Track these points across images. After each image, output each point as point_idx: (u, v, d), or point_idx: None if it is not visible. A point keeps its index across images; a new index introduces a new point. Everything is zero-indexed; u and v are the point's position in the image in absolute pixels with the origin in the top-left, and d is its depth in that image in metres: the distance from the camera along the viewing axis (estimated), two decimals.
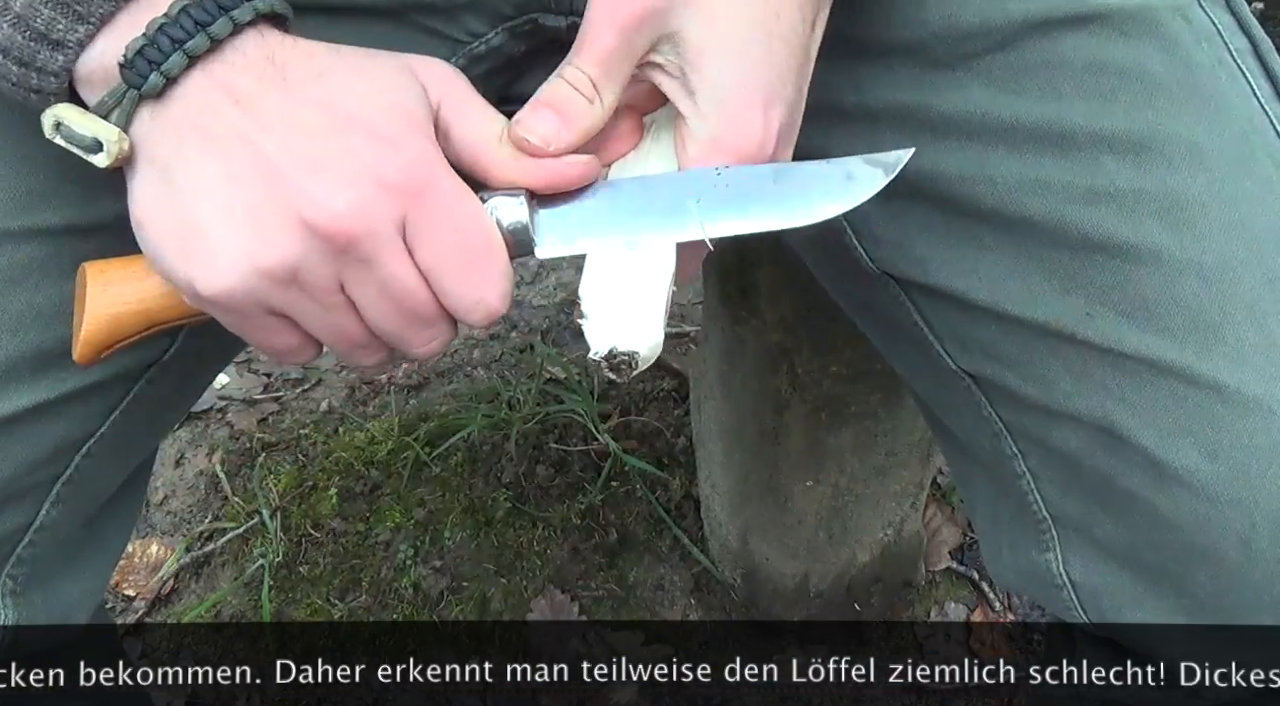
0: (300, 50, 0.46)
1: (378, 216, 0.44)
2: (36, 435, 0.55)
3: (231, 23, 0.44)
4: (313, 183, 0.44)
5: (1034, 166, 0.54)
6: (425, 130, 0.46)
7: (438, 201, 0.45)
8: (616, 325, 0.48)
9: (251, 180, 0.44)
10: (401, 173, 0.45)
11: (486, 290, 0.47)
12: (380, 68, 0.47)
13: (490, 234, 0.47)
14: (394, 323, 0.47)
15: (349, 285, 0.46)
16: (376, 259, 0.45)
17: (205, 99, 0.45)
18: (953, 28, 0.55)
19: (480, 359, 1.54)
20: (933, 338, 0.60)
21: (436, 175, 0.46)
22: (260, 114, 0.44)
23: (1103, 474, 0.55)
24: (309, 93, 0.45)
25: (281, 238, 0.44)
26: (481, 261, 0.47)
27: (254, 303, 0.45)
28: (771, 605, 1.26)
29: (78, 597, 0.62)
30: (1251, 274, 0.52)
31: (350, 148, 0.44)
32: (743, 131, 0.48)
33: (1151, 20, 0.55)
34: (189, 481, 1.41)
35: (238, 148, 0.44)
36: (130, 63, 0.44)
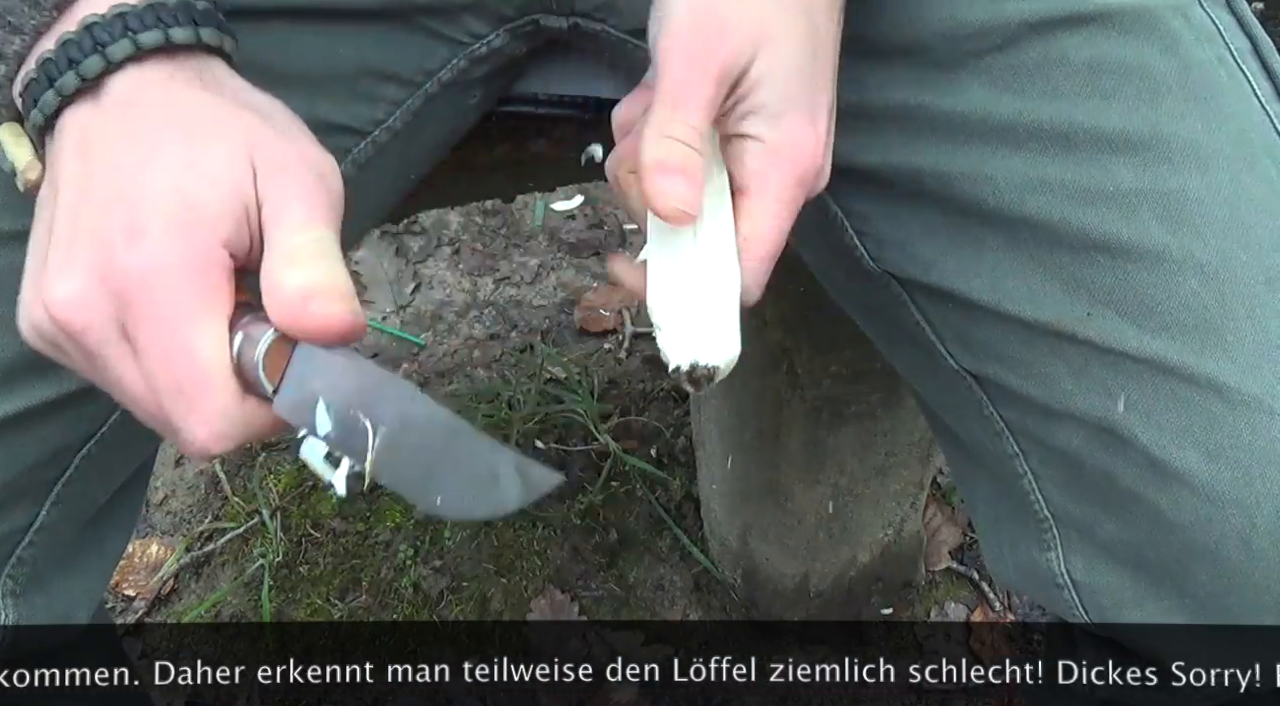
0: (161, 100, 0.43)
1: (92, 313, 0.41)
2: (37, 436, 0.55)
3: (104, 61, 0.42)
4: (57, 262, 0.41)
5: (1035, 166, 0.55)
6: (196, 231, 0.41)
7: (151, 314, 0.40)
8: (695, 338, 0.46)
9: (39, 242, 0.43)
10: (124, 274, 0.40)
11: (192, 426, 0.41)
12: (210, 146, 0.42)
13: (200, 369, 0.41)
14: (139, 415, 0.44)
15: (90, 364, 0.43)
16: (99, 355, 0.42)
17: (64, 140, 0.43)
18: (954, 28, 0.55)
19: (480, 359, 1.54)
20: (934, 337, 0.60)
21: (159, 285, 0.40)
22: (80, 167, 0.42)
23: (1104, 473, 0.55)
24: (121, 155, 0.42)
25: (37, 310, 0.42)
26: (186, 395, 0.41)
27: (47, 353, 0.44)
28: (771, 605, 1.26)
29: (78, 598, 0.62)
30: (1252, 274, 0.52)
31: (98, 232, 0.41)
32: (798, 145, 0.47)
33: (1152, 20, 0.55)
34: (189, 481, 1.41)
35: (49, 203, 0.43)
36: (23, 94, 0.44)
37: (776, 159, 0.47)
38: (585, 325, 1.57)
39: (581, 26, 0.61)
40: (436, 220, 1.69)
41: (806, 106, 0.47)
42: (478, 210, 1.71)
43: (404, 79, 0.60)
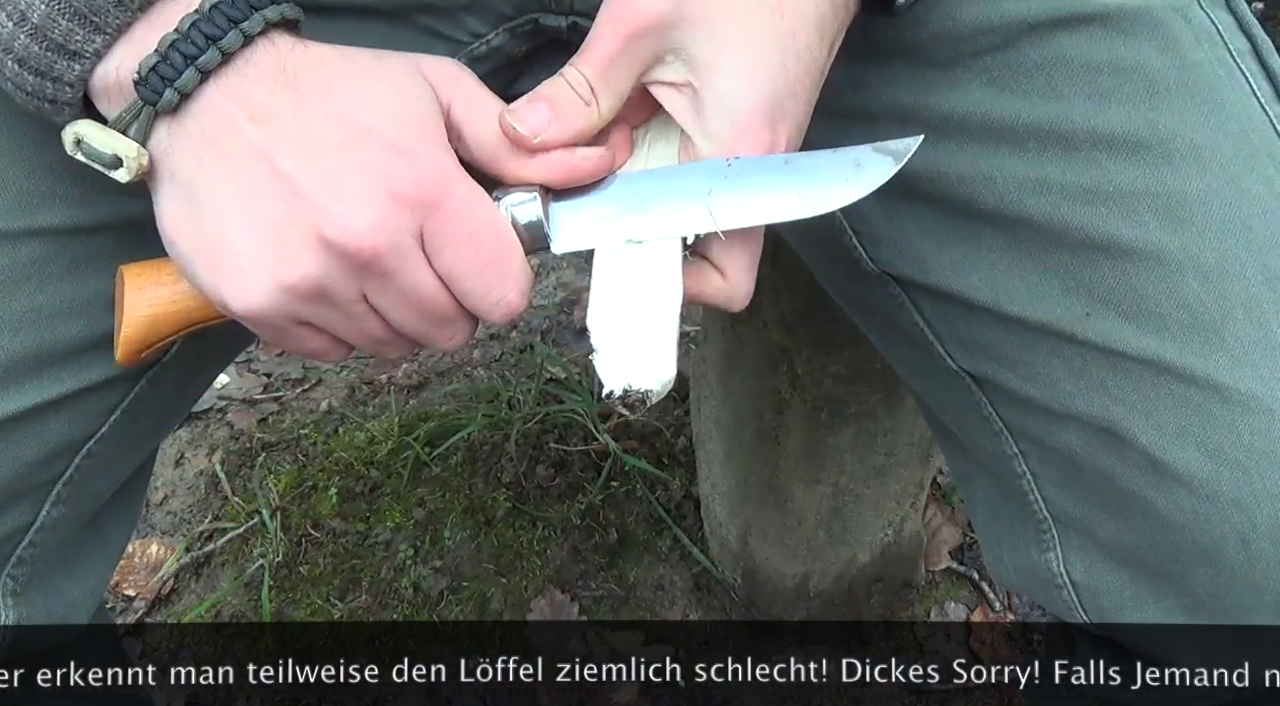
0: (311, 56, 0.46)
1: (396, 230, 0.45)
2: (37, 435, 0.55)
3: (242, 35, 0.44)
4: (331, 201, 0.44)
5: (1034, 166, 0.55)
6: (436, 135, 0.47)
7: (453, 210, 0.46)
8: (629, 362, 0.48)
9: (270, 198, 0.44)
10: (416, 185, 0.45)
11: (505, 290, 0.48)
12: (389, 72, 0.47)
13: (506, 236, 0.48)
14: (417, 325, 0.48)
15: (372, 296, 0.47)
16: (398, 271, 0.46)
17: (221, 114, 0.45)
18: (953, 28, 0.55)
19: (480, 359, 1.54)
20: (933, 337, 0.60)
21: (450, 183, 0.46)
22: (275, 129, 0.45)
23: (1103, 474, 0.55)
24: (322, 104, 0.45)
25: (304, 256, 0.45)
26: (499, 264, 0.47)
27: (283, 317, 0.46)
28: (771, 605, 1.26)
29: (78, 598, 0.62)
30: (1251, 273, 0.52)
31: (365, 162, 0.45)
32: (750, 145, 0.48)
33: (1151, 20, 0.55)
34: (189, 481, 1.41)
35: (255, 165, 0.44)
36: (144, 79, 0.44)
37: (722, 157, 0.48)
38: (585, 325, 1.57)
39: (580, 25, 0.61)
40: None
41: (766, 110, 0.48)
42: None
43: None
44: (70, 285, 0.53)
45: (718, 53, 0.48)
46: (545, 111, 0.48)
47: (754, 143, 0.48)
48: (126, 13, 0.45)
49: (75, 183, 0.53)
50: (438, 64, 0.49)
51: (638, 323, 0.48)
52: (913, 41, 0.56)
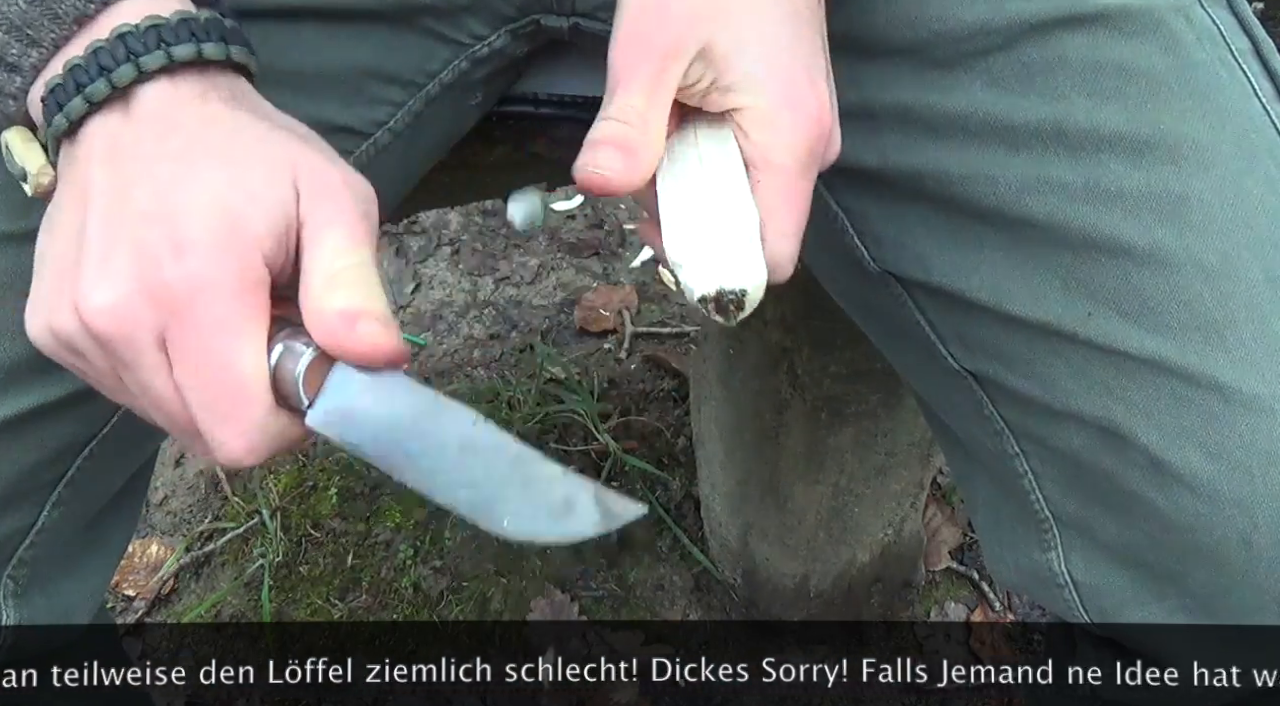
0: (201, 113, 0.44)
1: (134, 323, 0.41)
2: (38, 437, 0.55)
3: (136, 69, 0.43)
4: (92, 269, 0.42)
5: (1035, 166, 0.55)
6: (240, 249, 0.41)
7: (195, 328, 0.41)
8: (718, 262, 0.45)
9: (68, 247, 0.43)
10: (165, 286, 0.41)
11: (227, 436, 0.42)
12: (254, 165, 0.43)
13: (240, 381, 0.41)
14: (159, 422, 0.45)
15: (122, 375, 0.44)
16: (134, 364, 0.42)
17: (89, 148, 0.44)
18: (954, 27, 0.55)
19: (480, 359, 1.54)
20: (934, 337, 0.60)
21: (207, 301, 0.41)
22: (110, 178, 0.43)
23: (1105, 473, 0.55)
24: (160, 167, 0.42)
25: (64, 314, 0.42)
26: (224, 406, 0.42)
27: (54, 356, 0.45)
28: (771, 605, 1.26)
29: (79, 598, 0.62)
30: (1253, 273, 0.52)
31: (142, 243, 0.41)
32: (799, 106, 0.46)
33: (1153, 20, 0.55)
34: (189, 481, 1.41)
35: (78, 208, 0.43)
36: (45, 99, 0.44)
37: (777, 124, 0.47)
38: (585, 325, 1.57)
39: (582, 26, 0.61)
40: (436, 220, 1.69)
41: (802, 69, 0.47)
42: (478, 210, 1.71)
43: (405, 80, 0.60)
44: None
45: (733, 41, 0.46)
46: (615, 151, 0.46)
47: (804, 110, 0.46)
48: (62, 27, 0.44)
49: None
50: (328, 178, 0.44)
51: (718, 230, 0.46)
52: (914, 41, 0.56)
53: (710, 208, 0.46)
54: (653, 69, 0.46)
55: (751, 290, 0.45)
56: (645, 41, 0.46)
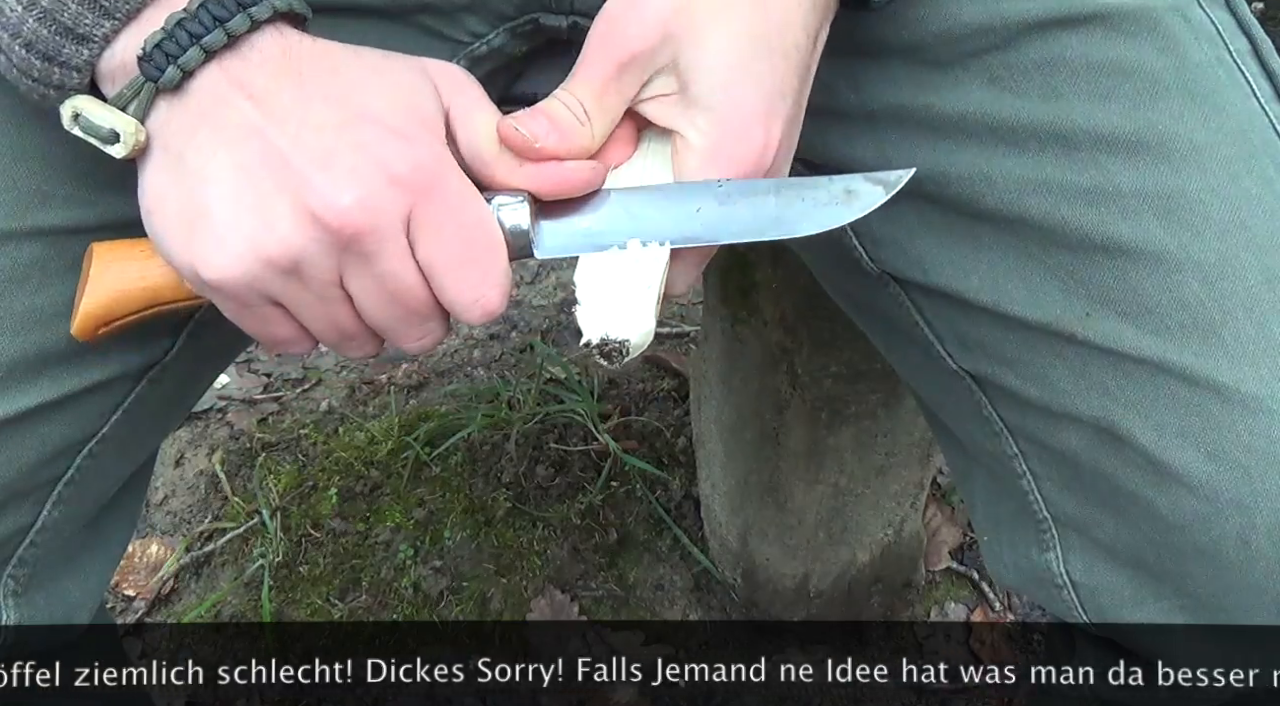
0: (317, 48, 0.47)
1: (383, 212, 0.45)
2: (38, 436, 0.55)
3: (249, 19, 0.45)
4: (321, 176, 0.44)
5: (1034, 166, 0.55)
6: (436, 130, 0.47)
7: (444, 199, 0.46)
8: (609, 314, 0.49)
9: (261, 171, 0.44)
10: (410, 169, 0.45)
11: (486, 288, 0.47)
12: (394, 67, 0.48)
13: (494, 234, 0.48)
14: (389, 317, 0.48)
15: (348, 278, 0.46)
16: (379, 254, 0.45)
17: (220, 93, 0.45)
18: (952, 28, 0.55)
19: (480, 359, 1.54)
20: (933, 337, 0.60)
21: (445, 173, 0.46)
22: (273, 108, 0.45)
23: (1103, 474, 0.55)
24: (323, 88, 0.45)
25: (287, 228, 0.44)
26: (483, 260, 0.47)
27: (254, 291, 0.46)
28: (771, 605, 1.26)
29: (79, 598, 0.62)
30: (1251, 273, 0.52)
31: (361, 142, 0.45)
32: (742, 143, 0.48)
33: (1151, 20, 0.55)
34: (189, 481, 1.41)
35: (249, 139, 0.45)
36: (149, 56, 0.44)
37: (714, 161, 0.49)
38: None
39: (581, 25, 0.61)
40: None
41: (758, 107, 0.48)
42: None
43: None
44: (71, 286, 0.53)
45: (704, 61, 0.48)
46: (545, 122, 0.49)
47: (745, 141, 0.48)
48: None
49: (77, 183, 0.53)
50: (443, 67, 0.50)
51: (620, 276, 0.49)
52: (912, 41, 0.56)
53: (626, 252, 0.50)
54: (608, 70, 0.49)
55: (634, 341, 0.48)
56: (609, 43, 0.49)
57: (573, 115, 0.49)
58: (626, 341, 0.48)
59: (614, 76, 0.49)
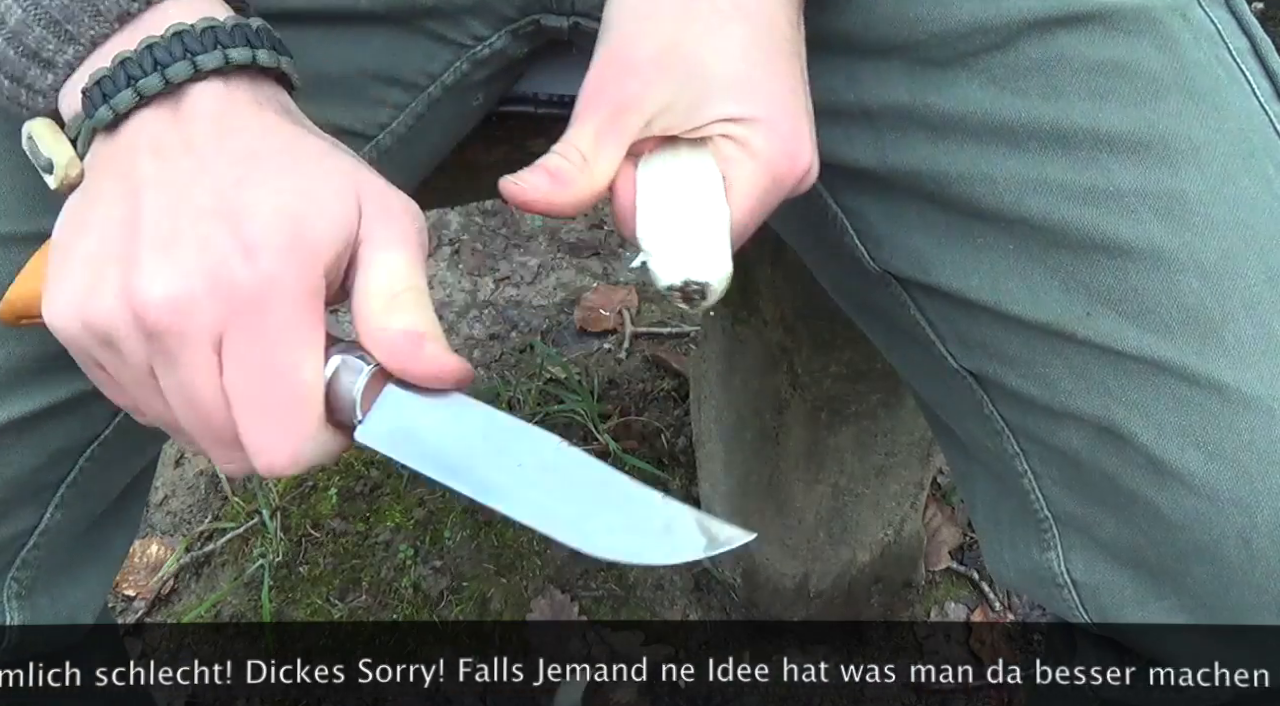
0: (258, 119, 0.44)
1: (192, 317, 0.41)
2: (41, 439, 0.55)
3: (193, 67, 0.43)
4: (152, 259, 0.41)
5: (1034, 166, 0.55)
6: (306, 257, 0.41)
7: (259, 330, 0.41)
8: (686, 254, 0.48)
9: (116, 233, 0.42)
10: (233, 285, 0.40)
11: (275, 445, 0.42)
12: (318, 175, 0.43)
13: (300, 391, 0.42)
14: (190, 427, 0.44)
15: (156, 370, 0.43)
16: (179, 359, 0.41)
17: (135, 142, 0.43)
18: (951, 27, 0.55)
19: (480, 359, 1.54)
20: (934, 336, 0.60)
21: (273, 302, 0.41)
22: (166, 174, 0.42)
23: (1104, 473, 0.55)
24: (221, 169, 0.42)
25: (107, 299, 0.42)
26: (278, 414, 0.41)
27: (80, 348, 0.44)
28: (771, 605, 1.26)
29: (83, 599, 0.62)
30: (1252, 272, 0.52)
31: (207, 239, 0.41)
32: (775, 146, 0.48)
33: (1150, 19, 0.55)
34: (189, 481, 1.41)
35: (125, 198, 0.43)
36: (89, 91, 0.43)
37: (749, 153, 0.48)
38: (585, 325, 1.57)
39: (582, 26, 0.61)
40: (436, 220, 1.69)
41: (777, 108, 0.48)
42: (478, 210, 1.71)
43: (407, 82, 0.61)
44: None
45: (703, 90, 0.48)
46: (544, 175, 0.47)
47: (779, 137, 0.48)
48: (103, 24, 0.44)
49: None
50: (385, 195, 0.44)
51: (690, 220, 0.48)
52: (912, 40, 0.56)
53: (684, 200, 0.49)
54: (605, 116, 0.48)
55: (715, 283, 0.48)
56: (603, 89, 0.48)
57: (571, 164, 0.48)
58: (708, 283, 0.47)
59: (610, 121, 0.48)
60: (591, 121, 0.48)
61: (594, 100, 0.49)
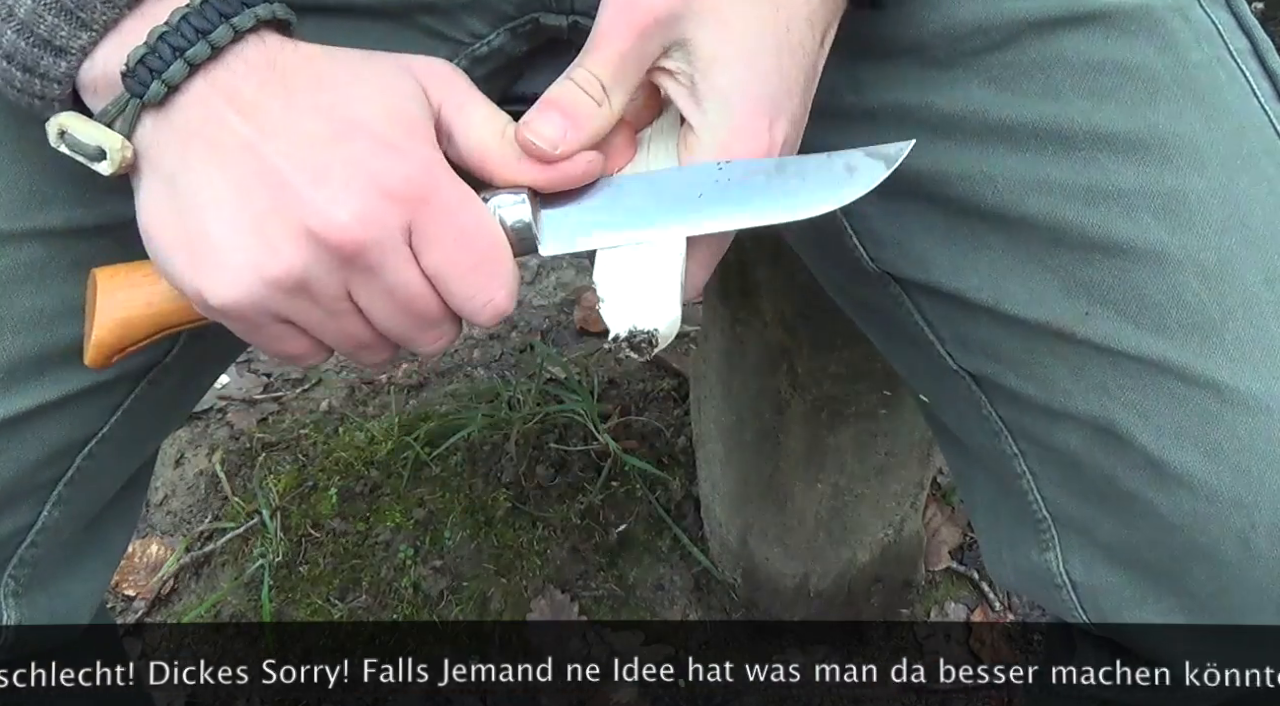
0: (301, 55, 0.46)
1: (383, 225, 0.44)
2: (39, 436, 0.55)
3: (232, 30, 0.44)
4: (317, 193, 0.44)
5: (1034, 165, 0.55)
6: (426, 135, 0.46)
7: (442, 208, 0.45)
8: (634, 305, 0.48)
9: (257, 190, 0.44)
10: (405, 180, 0.45)
11: (494, 291, 0.47)
12: (379, 71, 0.47)
13: (495, 237, 0.47)
14: (401, 326, 0.48)
15: (356, 292, 0.46)
16: (383, 267, 0.45)
17: (208, 107, 0.45)
18: (952, 27, 0.55)
19: (480, 359, 1.54)
20: (933, 337, 0.60)
21: (439, 181, 0.46)
22: (263, 122, 0.44)
23: (1103, 473, 0.55)
24: (311, 99, 0.45)
25: (288, 248, 0.44)
26: (487, 264, 0.47)
27: (263, 312, 0.46)
28: (771, 605, 1.26)
29: (80, 598, 0.62)
30: (1251, 273, 0.52)
31: (353, 156, 0.44)
32: (748, 142, 0.48)
33: (1151, 19, 0.55)
34: (189, 481, 1.41)
35: (242, 157, 0.44)
36: (132, 71, 0.44)
37: (720, 154, 0.48)
38: (585, 325, 1.57)
39: (581, 24, 0.61)
40: None
41: (764, 106, 0.48)
42: None
43: None
44: (71, 287, 0.53)
45: (720, 48, 0.47)
46: (559, 120, 0.48)
47: (751, 140, 0.48)
48: (114, 9, 0.44)
49: (77, 184, 0.53)
50: (429, 64, 0.49)
51: (639, 267, 0.49)
52: (912, 40, 0.56)
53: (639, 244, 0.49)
54: (628, 38, 0.48)
55: (663, 329, 0.48)
56: (628, 9, 0.48)
57: (589, 97, 0.48)
58: (655, 331, 0.48)
59: (633, 44, 0.48)
60: (616, 40, 0.48)
61: (623, 12, 0.48)
